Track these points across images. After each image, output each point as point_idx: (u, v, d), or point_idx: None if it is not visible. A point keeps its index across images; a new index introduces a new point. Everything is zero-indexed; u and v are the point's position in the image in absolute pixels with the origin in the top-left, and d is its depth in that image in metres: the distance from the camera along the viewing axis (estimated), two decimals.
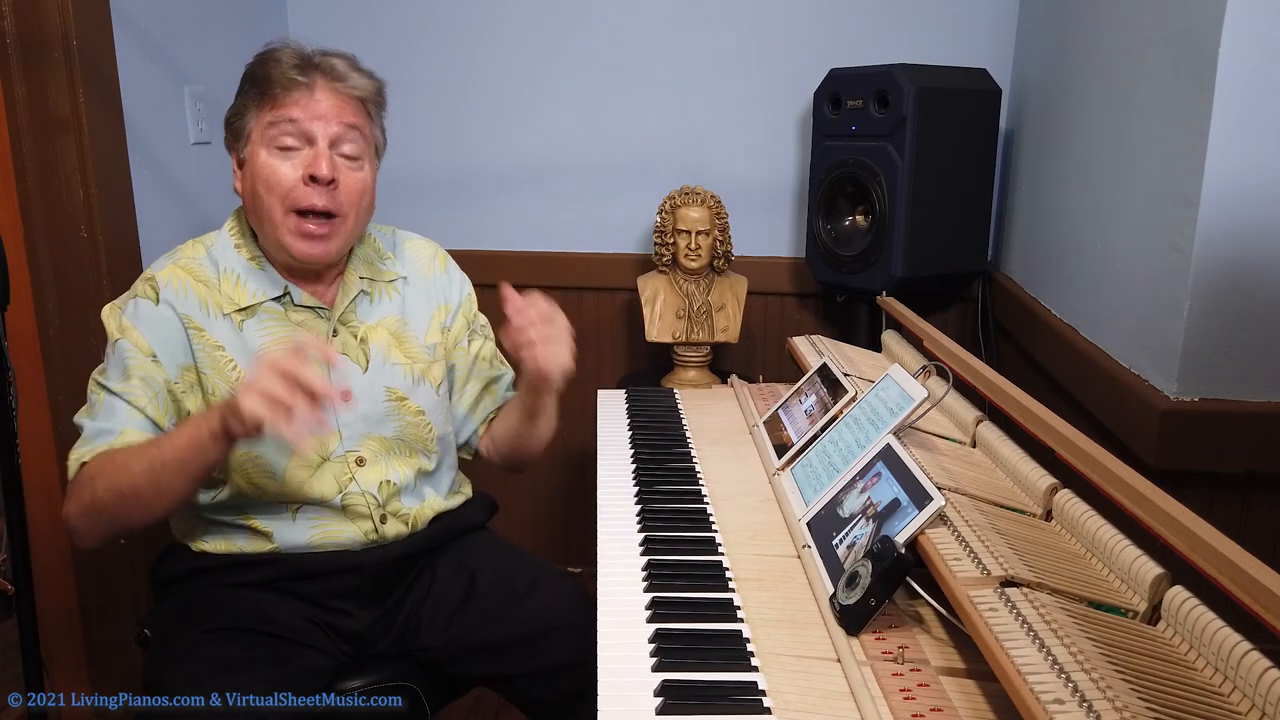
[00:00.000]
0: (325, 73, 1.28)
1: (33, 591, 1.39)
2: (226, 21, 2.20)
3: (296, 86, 1.25)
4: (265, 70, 1.27)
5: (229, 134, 1.32)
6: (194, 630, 1.26)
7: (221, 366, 1.29)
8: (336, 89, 1.28)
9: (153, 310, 1.28)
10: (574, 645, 1.32)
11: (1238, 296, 1.24)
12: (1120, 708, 0.68)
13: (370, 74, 1.34)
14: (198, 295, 1.30)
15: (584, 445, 2.55)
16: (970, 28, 2.24)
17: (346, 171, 1.28)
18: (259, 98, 1.27)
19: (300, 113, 1.25)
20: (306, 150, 1.26)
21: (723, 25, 2.33)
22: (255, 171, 1.27)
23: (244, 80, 1.31)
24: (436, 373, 1.45)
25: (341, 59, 1.31)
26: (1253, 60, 1.17)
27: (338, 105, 1.27)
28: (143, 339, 1.27)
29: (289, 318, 1.34)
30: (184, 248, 1.36)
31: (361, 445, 1.36)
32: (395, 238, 1.50)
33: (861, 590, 0.94)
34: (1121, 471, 0.96)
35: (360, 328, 1.38)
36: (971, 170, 2.09)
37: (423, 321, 1.45)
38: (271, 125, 1.25)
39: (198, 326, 1.29)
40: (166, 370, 1.27)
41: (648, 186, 2.38)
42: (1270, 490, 1.28)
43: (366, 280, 1.40)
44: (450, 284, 1.50)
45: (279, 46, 1.29)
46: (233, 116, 1.31)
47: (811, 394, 1.46)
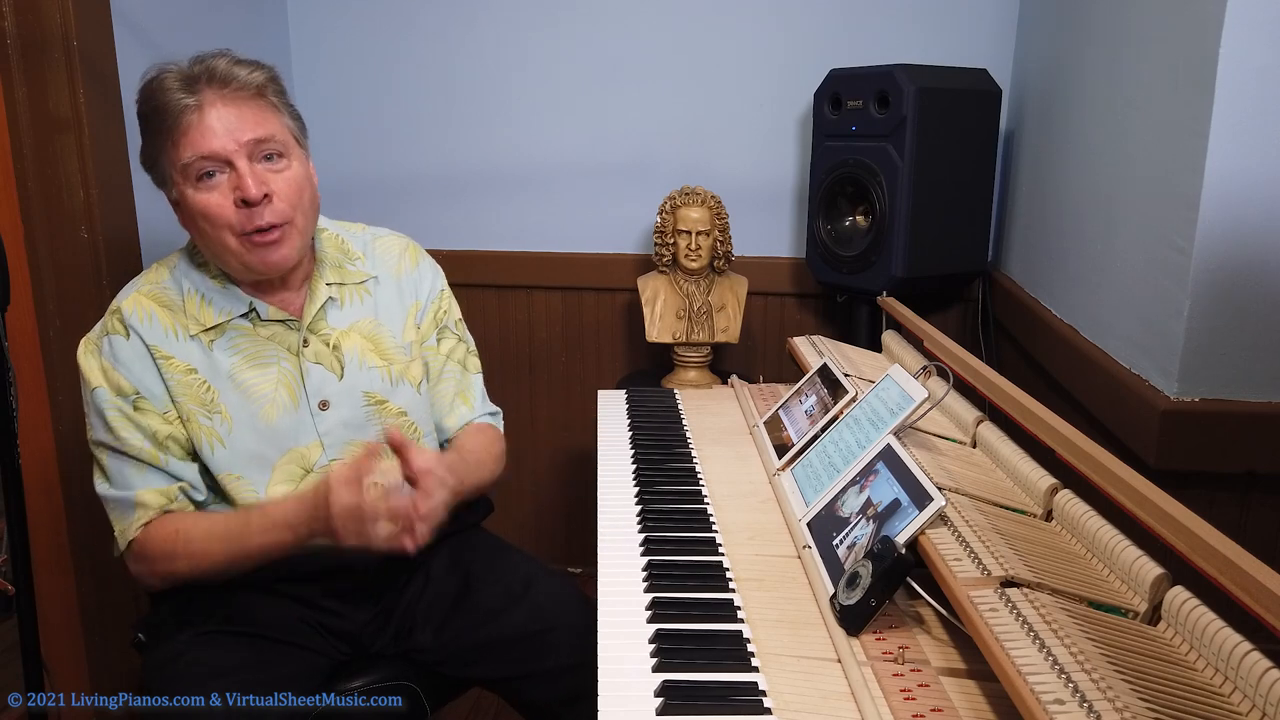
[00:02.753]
0: (211, 80, 1.21)
1: (33, 591, 1.39)
2: (226, 21, 2.20)
3: (188, 110, 1.19)
4: (154, 102, 1.21)
5: (152, 176, 1.28)
6: (187, 633, 1.27)
7: (195, 390, 1.28)
8: (227, 95, 1.21)
9: (125, 345, 1.26)
10: (572, 645, 1.32)
11: (1238, 296, 1.24)
12: (1121, 708, 0.68)
13: (255, 63, 1.27)
14: (163, 321, 1.28)
15: (584, 445, 2.55)
16: (970, 28, 2.24)
17: (274, 177, 1.24)
18: (160, 134, 1.21)
19: (205, 143, 1.19)
20: (230, 173, 1.22)
21: (723, 25, 2.33)
22: (190, 210, 1.23)
23: (140, 120, 1.25)
24: (416, 371, 1.43)
25: (222, 58, 1.24)
26: (1253, 60, 1.17)
27: (236, 114, 1.21)
28: (124, 380, 1.25)
29: (258, 333, 1.32)
30: (148, 273, 1.34)
31: (344, 452, 1.34)
32: (366, 235, 1.47)
33: (862, 590, 0.94)
34: (1121, 471, 0.96)
35: (331, 335, 1.36)
36: (971, 170, 2.09)
37: (398, 321, 1.42)
38: (185, 165, 1.20)
39: (165, 355, 1.27)
40: (154, 405, 1.27)
41: (648, 186, 2.39)
42: (1270, 490, 1.28)
43: (335, 285, 1.38)
44: (420, 279, 1.47)
45: (155, 73, 1.23)
46: (147, 161, 1.26)
47: (812, 394, 1.46)
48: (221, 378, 1.29)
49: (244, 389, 1.29)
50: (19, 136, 1.71)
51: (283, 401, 1.31)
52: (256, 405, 1.30)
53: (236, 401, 1.29)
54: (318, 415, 1.33)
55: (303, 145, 1.31)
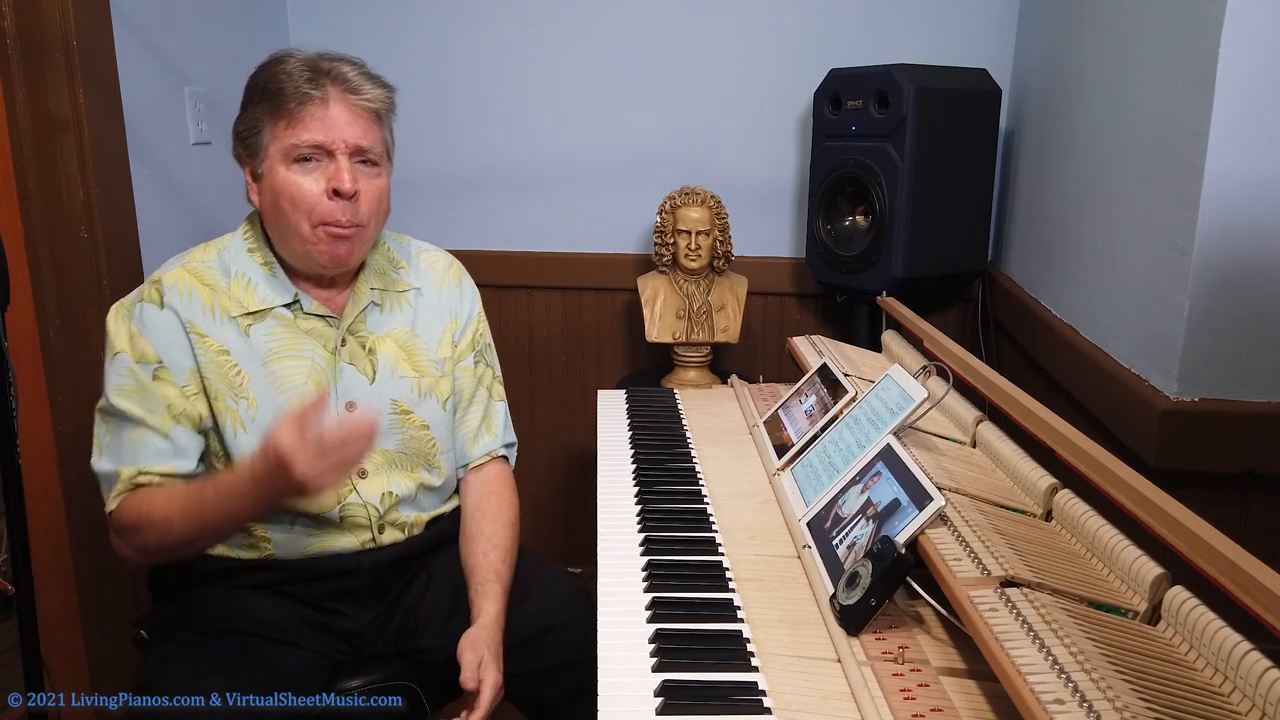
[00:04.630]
0: (338, 82, 1.26)
1: (33, 591, 1.39)
2: (226, 21, 2.20)
3: (310, 100, 1.23)
4: (276, 83, 1.25)
5: (241, 147, 1.30)
6: (189, 631, 1.27)
7: (225, 371, 1.28)
8: (351, 102, 1.26)
9: (157, 314, 1.27)
10: (573, 642, 1.32)
11: (1238, 296, 1.24)
12: (1120, 708, 0.68)
13: (381, 82, 1.32)
14: (203, 299, 1.29)
15: (584, 445, 2.55)
16: (970, 28, 2.24)
17: (365, 180, 1.28)
18: (272, 112, 1.25)
19: (319, 132, 1.24)
20: (327, 163, 1.25)
21: (723, 25, 2.33)
22: (277, 188, 1.25)
23: (252, 91, 1.28)
24: (444, 387, 1.43)
25: (352, 66, 1.29)
26: (1253, 60, 1.17)
27: (353, 119, 1.26)
28: (149, 347, 1.26)
29: (297, 325, 1.33)
30: (195, 250, 1.35)
31: (364, 457, 1.34)
32: (411, 248, 1.49)
33: (862, 590, 0.94)
34: (1121, 471, 0.96)
35: (369, 338, 1.37)
36: (971, 170, 2.09)
37: (434, 335, 1.44)
38: (291, 146, 1.24)
39: (200, 332, 1.28)
40: (175, 376, 1.26)
41: (648, 186, 2.38)
42: (1270, 490, 1.28)
43: (378, 290, 1.39)
44: (462, 298, 1.49)
45: (285, 56, 1.27)
46: (245, 131, 1.28)
47: (811, 394, 1.46)
48: (254, 363, 1.29)
49: (275, 377, 1.30)
50: (19, 137, 1.71)
51: (310, 396, 1.31)
52: (284, 396, 1.30)
53: (265, 389, 1.29)
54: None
55: (390, 162, 1.36)
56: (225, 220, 2.14)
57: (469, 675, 1.23)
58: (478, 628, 1.29)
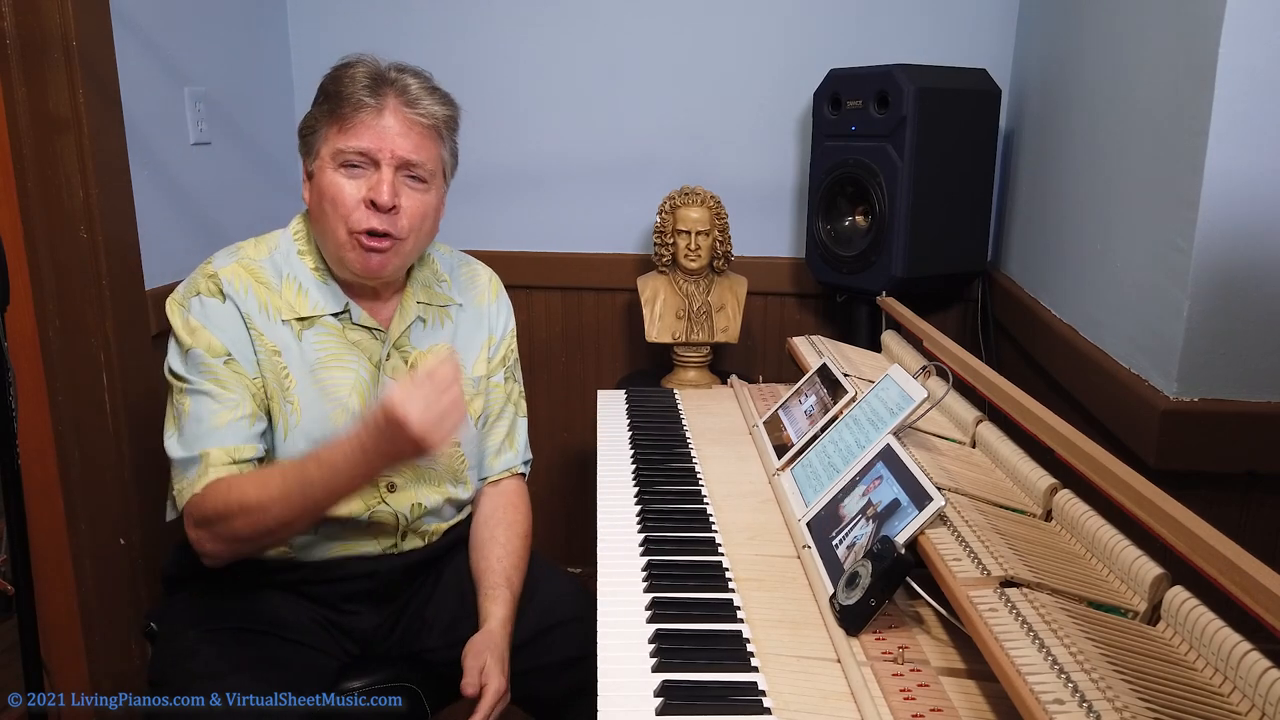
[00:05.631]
0: (399, 93, 1.25)
1: (33, 591, 1.39)
2: (226, 21, 2.20)
3: (365, 108, 1.23)
4: (338, 86, 1.25)
5: (301, 144, 1.31)
6: (201, 628, 1.27)
7: (278, 372, 1.27)
8: (406, 115, 1.25)
9: (219, 308, 1.26)
10: (575, 639, 1.33)
11: (1237, 296, 1.24)
12: (1120, 708, 0.68)
13: (444, 98, 1.31)
14: (258, 297, 1.28)
15: (584, 445, 2.55)
16: (970, 28, 2.24)
17: (409, 194, 1.27)
18: (329, 115, 1.25)
19: (367, 140, 1.23)
20: (372, 172, 1.24)
21: (723, 25, 2.33)
22: (321, 188, 1.26)
23: (319, 91, 1.29)
24: (477, 406, 1.44)
25: (416, 79, 1.28)
26: (1252, 60, 1.17)
27: (405, 131, 1.25)
28: (216, 340, 1.25)
29: (345, 335, 1.32)
30: (245, 246, 1.34)
31: (396, 474, 1.33)
32: (454, 260, 1.49)
33: (861, 590, 0.94)
34: (1121, 472, 0.96)
35: (412, 353, 1.37)
36: (971, 170, 2.09)
37: (472, 352, 1.44)
38: (339, 150, 1.24)
39: (258, 329, 1.27)
40: (244, 368, 1.26)
41: (648, 186, 2.38)
42: (1270, 490, 1.28)
43: (423, 305, 1.39)
44: (498, 314, 1.49)
45: (356, 60, 1.27)
46: (305, 129, 1.30)
47: (811, 394, 1.46)
48: (303, 369, 1.29)
49: (321, 385, 1.29)
50: (19, 136, 1.71)
51: (353, 408, 1.31)
52: (329, 406, 1.30)
53: (311, 396, 1.29)
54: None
55: (447, 180, 1.36)
56: (225, 220, 2.14)
57: (470, 680, 1.23)
58: (484, 633, 1.29)
